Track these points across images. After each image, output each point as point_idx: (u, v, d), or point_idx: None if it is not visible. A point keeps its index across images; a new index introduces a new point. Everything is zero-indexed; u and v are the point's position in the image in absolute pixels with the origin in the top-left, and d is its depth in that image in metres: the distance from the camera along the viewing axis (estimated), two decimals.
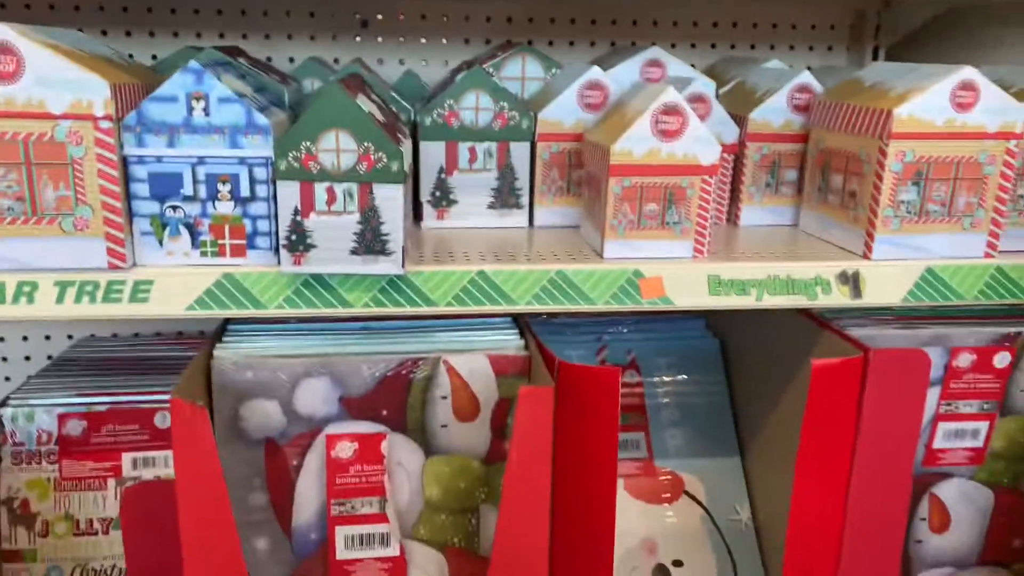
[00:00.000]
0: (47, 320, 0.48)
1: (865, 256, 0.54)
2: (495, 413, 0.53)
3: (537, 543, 0.49)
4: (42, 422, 0.60)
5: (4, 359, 0.78)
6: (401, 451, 0.52)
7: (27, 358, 0.78)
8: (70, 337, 0.78)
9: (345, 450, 0.51)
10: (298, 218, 0.43)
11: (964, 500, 0.61)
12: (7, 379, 0.79)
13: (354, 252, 0.46)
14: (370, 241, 0.43)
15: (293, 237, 0.43)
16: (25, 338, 0.78)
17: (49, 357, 0.77)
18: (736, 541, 0.66)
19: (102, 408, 0.60)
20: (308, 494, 0.52)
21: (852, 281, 0.54)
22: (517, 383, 0.52)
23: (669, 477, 0.68)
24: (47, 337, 0.78)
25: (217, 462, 0.44)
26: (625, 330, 0.70)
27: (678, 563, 0.66)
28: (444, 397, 0.52)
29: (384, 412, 0.52)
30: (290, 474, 0.51)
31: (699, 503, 0.68)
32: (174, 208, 0.44)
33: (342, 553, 0.52)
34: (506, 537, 0.48)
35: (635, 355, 0.71)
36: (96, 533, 0.60)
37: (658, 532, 0.67)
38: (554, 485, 0.49)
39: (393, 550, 0.52)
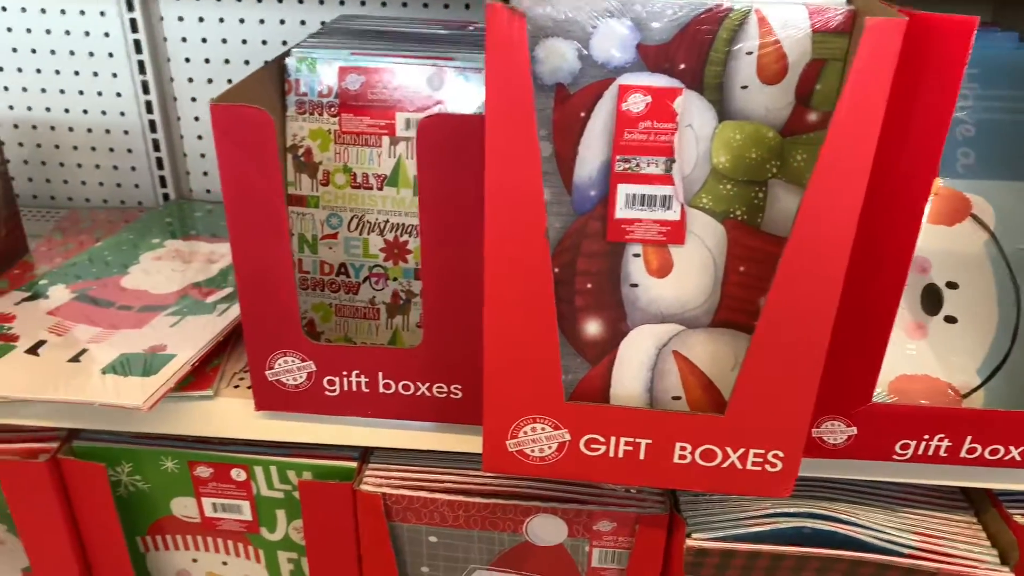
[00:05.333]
0: None
1: None
2: (803, 77, 0.48)
3: (844, 224, 0.45)
4: (323, 74, 0.61)
5: (282, 22, 0.81)
6: (694, 111, 0.49)
7: (302, 23, 0.81)
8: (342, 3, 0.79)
9: (637, 103, 0.49)
10: None
11: None
12: (283, 43, 0.82)
13: None
14: None
15: None
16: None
17: (323, 22, 0.79)
18: (1023, 271, 0.60)
19: (379, 65, 0.61)
20: (593, 148, 0.50)
21: None
22: (835, 42, 0.46)
23: (954, 197, 0.62)
24: (320, 2, 0.80)
25: (529, 79, 0.42)
26: None
27: (952, 285, 0.61)
28: (749, 53, 0.48)
29: (682, 66, 0.48)
30: (577, 125, 0.50)
31: (985, 227, 0.62)
32: None
33: (621, 212, 0.51)
34: (813, 209, 0.45)
35: None
36: (371, 188, 0.63)
37: (933, 252, 0.62)
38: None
39: (674, 214, 0.51)
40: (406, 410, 0.59)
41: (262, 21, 0.84)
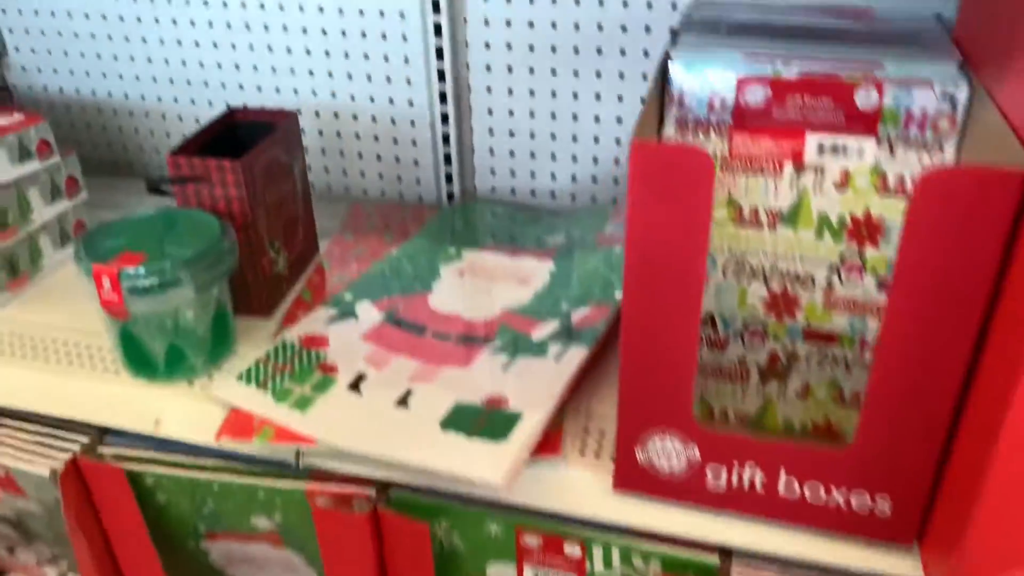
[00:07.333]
0: None
1: None
2: None
3: None
4: (715, 83, 0.49)
5: (600, 2, 0.69)
6: None
7: (624, 4, 0.69)
8: None
9: None
10: None
11: None
12: (599, 27, 0.71)
13: None
14: None
15: None
16: None
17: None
18: None
19: (792, 75, 0.48)
20: None
21: None
22: None
23: None
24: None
25: None
26: None
27: None
28: None
29: None
30: None
31: None
32: None
33: None
34: None
35: None
36: (761, 226, 0.51)
37: None
38: None
39: None
40: (807, 515, 0.47)
41: (577, 1, 0.73)
